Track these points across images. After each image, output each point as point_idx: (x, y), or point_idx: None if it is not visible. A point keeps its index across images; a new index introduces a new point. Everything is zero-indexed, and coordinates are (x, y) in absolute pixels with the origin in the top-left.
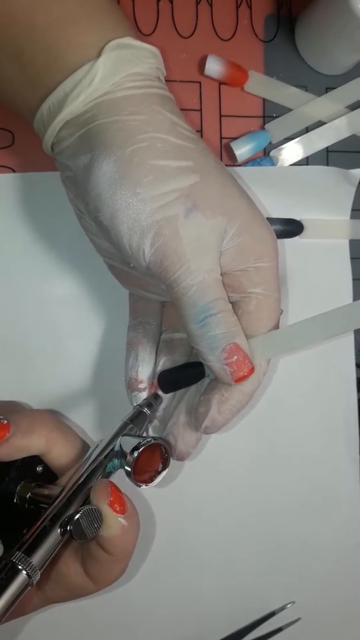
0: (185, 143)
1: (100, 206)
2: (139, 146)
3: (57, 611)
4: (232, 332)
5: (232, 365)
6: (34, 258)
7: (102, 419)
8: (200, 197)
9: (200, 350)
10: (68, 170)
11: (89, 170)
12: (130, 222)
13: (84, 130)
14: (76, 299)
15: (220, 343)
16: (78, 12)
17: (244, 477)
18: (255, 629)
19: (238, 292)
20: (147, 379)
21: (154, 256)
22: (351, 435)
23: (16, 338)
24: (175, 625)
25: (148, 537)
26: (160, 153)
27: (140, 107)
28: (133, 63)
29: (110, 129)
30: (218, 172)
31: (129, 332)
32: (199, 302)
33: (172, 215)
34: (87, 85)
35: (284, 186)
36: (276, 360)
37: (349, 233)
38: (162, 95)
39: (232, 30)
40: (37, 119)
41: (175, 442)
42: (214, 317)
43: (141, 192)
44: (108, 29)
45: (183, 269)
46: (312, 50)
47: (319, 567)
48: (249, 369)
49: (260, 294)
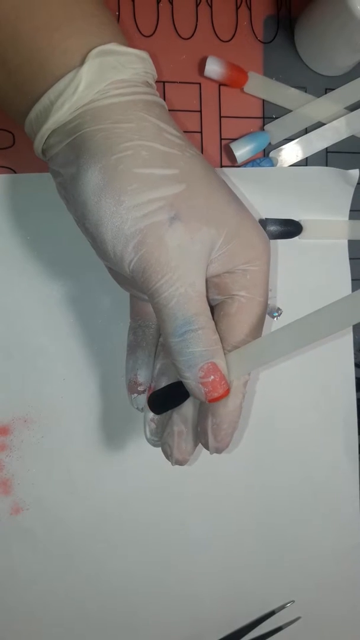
0: (171, 150)
1: (85, 213)
2: (124, 154)
3: (57, 611)
4: (211, 351)
5: (208, 385)
6: (34, 258)
7: (103, 419)
8: (184, 206)
9: (178, 367)
10: (59, 177)
11: (76, 177)
12: (115, 230)
13: (71, 138)
14: (76, 299)
15: (197, 361)
16: (61, 18)
17: (244, 477)
18: (255, 628)
19: (223, 293)
20: (146, 382)
21: (136, 265)
22: (351, 435)
23: (16, 338)
24: (176, 625)
25: (148, 536)
26: (145, 161)
27: (126, 115)
28: (117, 70)
29: (96, 137)
30: (206, 180)
31: (129, 335)
32: (179, 315)
33: (156, 224)
34: (71, 94)
35: (283, 187)
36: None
37: (348, 233)
38: (148, 102)
39: (232, 31)
40: (27, 125)
41: (171, 451)
42: (193, 333)
43: (125, 201)
44: (92, 35)
45: (165, 279)
46: (312, 51)
47: (319, 566)
48: (224, 390)
49: (243, 296)
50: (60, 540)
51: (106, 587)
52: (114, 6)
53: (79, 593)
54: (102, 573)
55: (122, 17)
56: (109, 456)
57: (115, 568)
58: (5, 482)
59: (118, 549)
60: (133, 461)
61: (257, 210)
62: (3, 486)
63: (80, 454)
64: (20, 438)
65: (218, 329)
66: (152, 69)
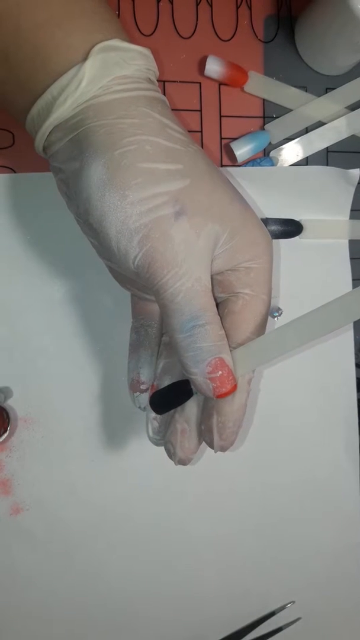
0: (175, 146)
1: (89, 209)
2: (128, 149)
3: (57, 611)
4: (218, 346)
5: (216, 381)
6: (34, 258)
7: (103, 418)
8: (189, 201)
9: (185, 362)
10: (61, 173)
11: (79, 173)
12: (119, 225)
13: (74, 134)
14: (76, 299)
15: (205, 356)
16: (63, 14)
17: (244, 477)
18: (255, 628)
19: (226, 291)
20: (148, 381)
21: (142, 260)
22: (351, 435)
23: (17, 338)
24: (176, 625)
25: (148, 536)
26: (149, 156)
27: (129, 110)
28: (120, 65)
29: (99, 133)
30: (209, 176)
31: (132, 334)
32: (187, 310)
33: (161, 218)
34: (73, 89)
35: (283, 186)
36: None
37: (349, 233)
38: (151, 97)
39: (232, 30)
40: (28, 121)
41: (174, 450)
42: (201, 328)
43: (130, 195)
44: (95, 31)
45: (171, 274)
46: (312, 50)
47: (319, 567)
48: (232, 385)
49: (247, 294)
50: (60, 540)
51: (106, 587)
52: (115, 5)
53: (79, 593)
54: (102, 573)
55: (122, 16)
56: (110, 456)
57: (115, 568)
58: (5, 482)
59: (118, 549)
60: (133, 461)
61: (257, 210)
62: (3, 486)
63: (81, 454)
64: (20, 438)
65: (222, 326)
66: (154, 66)
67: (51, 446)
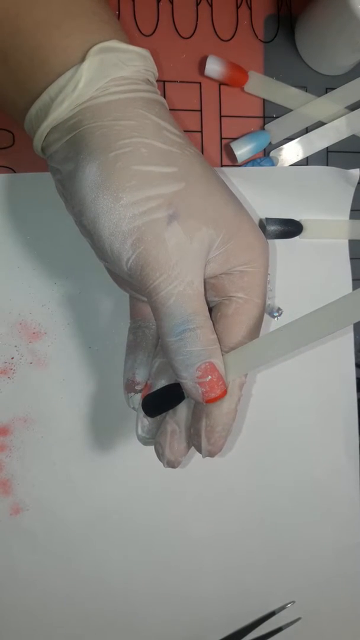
0: (171, 148)
1: (83, 210)
2: (123, 151)
3: (57, 611)
4: (209, 350)
5: (205, 386)
6: (33, 258)
7: (103, 419)
8: (183, 204)
9: (175, 366)
10: (58, 174)
11: (74, 174)
12: (112, 227)
13: (71, 135)
14: (76, 299)
15: (195, 361)
16: (62, 15)
17: (244, 477)
18: (255, 628)
19: (220, 295)
20: (144, 382)
21: (134, 262)
22: (351, 435)
23: (16, 338)
24: (176, 625)
25: (148, 536)
26: (144, 158)
27: (126, 112)
28: (118, 67)
29: (95, 134)
30: (204, 180)
31: (129, 335)
32: (177, 314)
33: (154, 221)
34: (71, 90)
35: (283, 186)
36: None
37: (349, 233)
38: (149, 99)
39: (232, 30)
40: (27, 122)
41: (162, 451)
42: (191, 332)
43: (123, 197)
44: (93, 32)
45: (163, 277)
46: (312, 50)
47: (319, 567)
48: (222, 390)
49: (241, 298)
50: (60, 540)
51: (106, 587)
52: (115, 5)
53: (79, 593)
54: (102, 573)
55: (122, 16)
56: (109, 456)
57: (115, 568)
58: (5, 483)
59: (118, 549)
60: (133, 461)
61: (257, 210)
62: (3, 486)
63: (80, 454)
64: (20, 438)
65: (215, 330)
66: (153, 66)
67: (51, 446)
